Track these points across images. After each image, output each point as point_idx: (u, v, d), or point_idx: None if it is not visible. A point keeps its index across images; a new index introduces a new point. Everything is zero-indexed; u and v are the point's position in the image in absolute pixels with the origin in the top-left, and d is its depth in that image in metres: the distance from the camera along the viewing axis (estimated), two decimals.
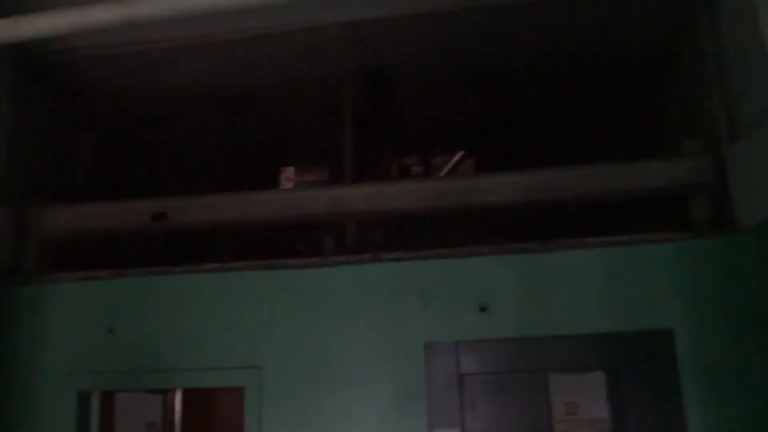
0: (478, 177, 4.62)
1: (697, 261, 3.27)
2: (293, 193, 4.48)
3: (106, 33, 3.29)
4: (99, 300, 3.64)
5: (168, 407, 3.56)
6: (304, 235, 4.79)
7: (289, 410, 3.33)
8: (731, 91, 3.39)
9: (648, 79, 4.47)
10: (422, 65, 4.36)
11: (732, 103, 3.38)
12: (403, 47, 4.15)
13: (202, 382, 3.44)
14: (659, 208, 3.89)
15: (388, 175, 5.23)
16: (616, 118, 5.01)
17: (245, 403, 3.36)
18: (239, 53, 4.13)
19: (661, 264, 3.28)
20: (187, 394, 3.53)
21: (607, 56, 4.27)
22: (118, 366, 3.53)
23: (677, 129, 4.14)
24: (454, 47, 4.15)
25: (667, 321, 3.20)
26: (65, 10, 2.72)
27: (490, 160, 5.82)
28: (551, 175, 3.56)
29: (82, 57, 4.07)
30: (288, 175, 6.48)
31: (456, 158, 6.32)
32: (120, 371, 3.53)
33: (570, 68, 4.43)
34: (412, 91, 4.69)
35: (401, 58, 4.27)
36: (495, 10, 3.75)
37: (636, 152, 4.74)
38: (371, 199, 3.64)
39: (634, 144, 4.92)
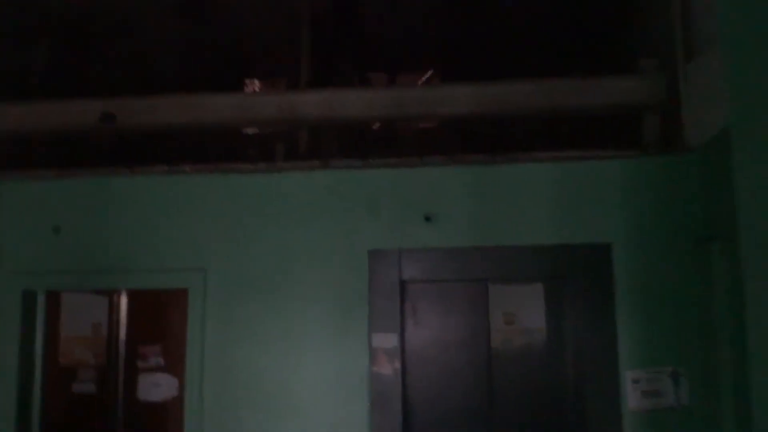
0: (432, 87, 4.57)
1: (643, 179, 3.29)
2: (245, 97, 4.36)
3: None
4: (45, 200, 3.59)
5: (114, 308, 3.57)
6: (256, 141, 4.72)
7: (233, 312, 3.36)
8: (689, 9, 3.34)
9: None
10: None
11: (689, 21, 3.34)
12: None
13: (147, 283, 3.44)
14: (611, 126, 3.88)
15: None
16: (579, 35, 4.93)
17: (189, 304, 3.38)
18: None
19: (608, 180, 3.29)
20: (133, 295, 3.54)
21: None
22: (63, 266, 3.51)
23: (636, 48, 4.09)
24: None
25: (607, 236, 3.24)
26: None
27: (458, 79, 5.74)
28: (505, 87, 3.52)
29: None
30: (252, 87, 6.34)
31: (425, 77, 6.22)
32: (65, 271, 3.51)
33: None
34: (377, 7, 4.57)
35: None
36: None
37: (597, 70, 4.69)
38: (324, 106, 3.58)
39: (595, 61, 4.86)
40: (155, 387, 3.47)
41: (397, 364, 3.22)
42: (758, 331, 2.39)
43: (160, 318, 3.51)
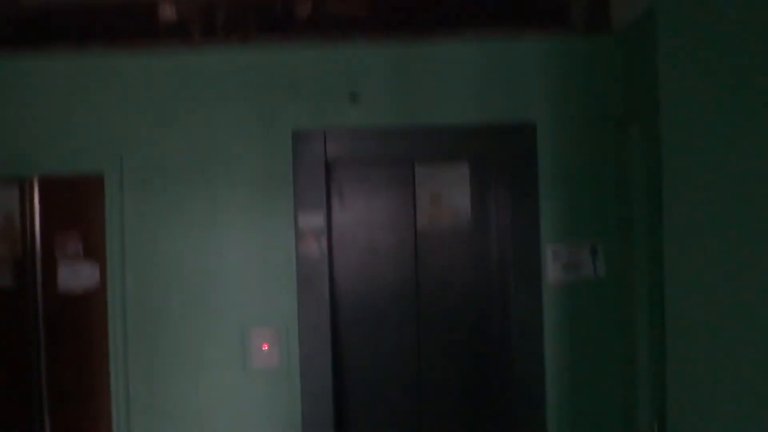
0: None
1: (568, 60, 3.28)
2: None
3: None
4: None
5: (26, 197, 3.41)
6: (171, 18, 4.45)
7: (153, 197, 3.26)
8: None
9: None
10: None
11: None
12: None
13: (60, 169, 3.28)
14: (538, 5, 3.83)
15: None
16: None
17: (105, 191, 3.25)
18: None
19: (534, 60, 3.27)
20: (46, 182, 3.37)
21: None
22: None
23: None
24: None
25: (532, 116, 3.25)
26: None
27: None
28: None
29: None
30: None
31: None
32: None
33: None
34: None
35: None
36: None
37: None
38: None
39: None
40: (75, 276, 3.38)
41: (324, 243, 3.21)
42: (672, 207, 2.47)
43: (76, 204, 3.37)
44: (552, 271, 3.24)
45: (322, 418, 3.21)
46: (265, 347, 3.24)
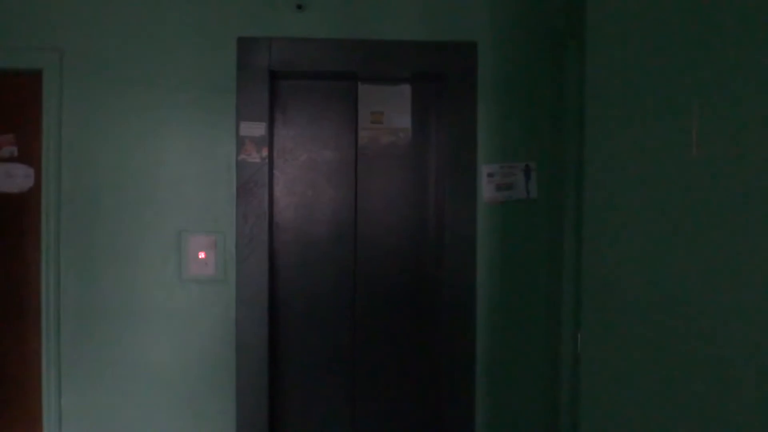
0: None
1: None
2: None
3: None
4: None
5: None
6: None
7: (93, 98, 3.23)
8: None
9: None
10: None
11: None
12: None
13: None
14: None
15: None
16: None
17: (43, 88, 3.21)
18: None
19: None
20: None
21: None
22: None
23: None
24: None
25: (473, 34, 3.32)
26: None
27: None
28: None
29: None
30: None
31: None
32: None
33: None
34: None
35: None
36: None
37: None
38: None
39: None
40: (9, 178, 3.32)
41: (265, 153, 3.23)
42: (593, 127, 2.58)
43: (12, 104, 3.31)
44: (486, 191, 3.33)
45: (257, 324, 3.24)
46: (202, 255, 3.25)
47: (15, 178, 3.33)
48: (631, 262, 2.35)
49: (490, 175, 3.33)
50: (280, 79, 3.37)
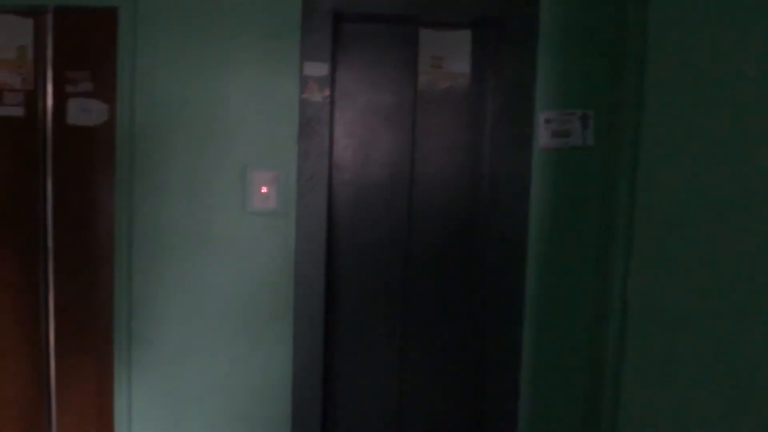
0: None
1: None
2: None
3: None
4: None
5: (40, 30, 3.49)
6: None
7: (164, 36, 3.35)
8: None
9: None
10: None
11: None
12: None
13: (75, 0, 3.36)
14: None
15: None
16: None
17: (119, 25, 3.35)
18: None
19: None
20: (60, 16, 3.45)
21: None
22: None
23: None
24: None
25: None
26: None
27: None
28: None
29: None
30: None
31: None
32: None
33: None
34: None
35: None
36: None
37: None
38: None
39: None
40: (85, 112, 3.50)
41: (327, 93, 3.33)
42: (656, 77, 2.59)
43: (88, 42, 3.46)
44: (542, 138, 3.38)
45: (315, 257, 3.39)
46: (264, 189, 3.40)
47: (90, 113, 3.50)
48: (685, 213, 2.39)
49: (547, 121, 3.37)
50: (343, 21, 3.44)
